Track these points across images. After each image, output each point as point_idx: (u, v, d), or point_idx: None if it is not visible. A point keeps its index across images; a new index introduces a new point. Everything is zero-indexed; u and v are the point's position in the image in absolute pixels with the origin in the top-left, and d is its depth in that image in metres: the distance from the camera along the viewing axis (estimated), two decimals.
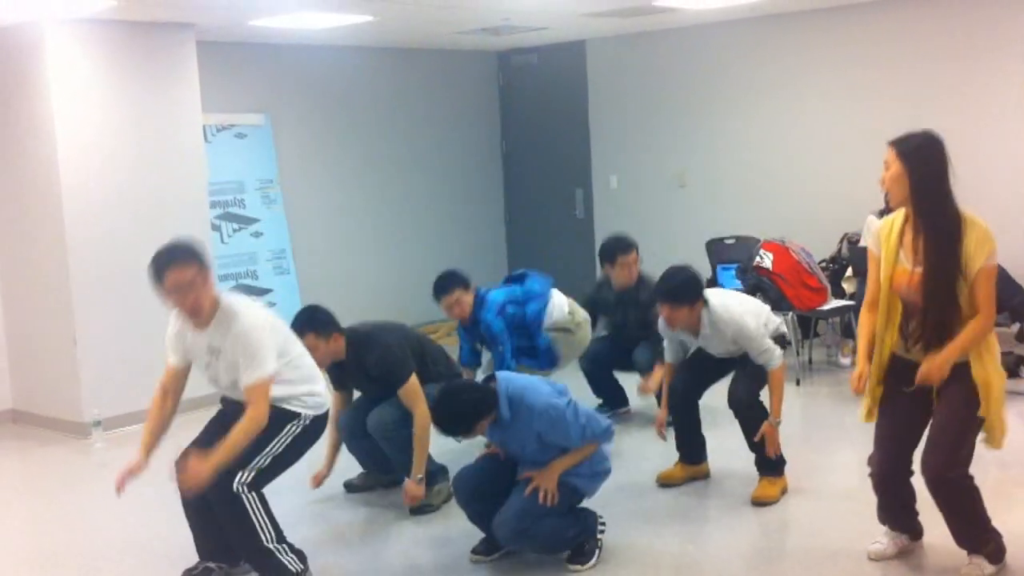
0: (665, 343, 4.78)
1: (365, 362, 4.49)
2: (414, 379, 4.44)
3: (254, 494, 3.66)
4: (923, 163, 3.35)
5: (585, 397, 5.59)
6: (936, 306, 3.36)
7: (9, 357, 6.71)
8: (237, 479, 3.62)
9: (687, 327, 4.44)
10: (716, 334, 4.40)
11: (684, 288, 4.31)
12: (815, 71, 7.67)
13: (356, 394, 4.88)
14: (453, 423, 3.72)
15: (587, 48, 8.86)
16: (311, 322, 4.38)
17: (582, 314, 5.79)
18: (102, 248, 6.25)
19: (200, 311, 3.61)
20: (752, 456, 4.56)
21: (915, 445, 3.57)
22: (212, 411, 3.98)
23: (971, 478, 3.49)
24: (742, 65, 8.00)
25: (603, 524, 4.02)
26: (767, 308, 4.68)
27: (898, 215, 3.48)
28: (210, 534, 3.86)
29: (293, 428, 3.77)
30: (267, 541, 3.69)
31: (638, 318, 5.64)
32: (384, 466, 4.90)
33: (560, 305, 5.69)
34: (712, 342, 4.47)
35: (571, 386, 4.13)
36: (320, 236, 8.20)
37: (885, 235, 3.49)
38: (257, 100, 7.82)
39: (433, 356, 4.82)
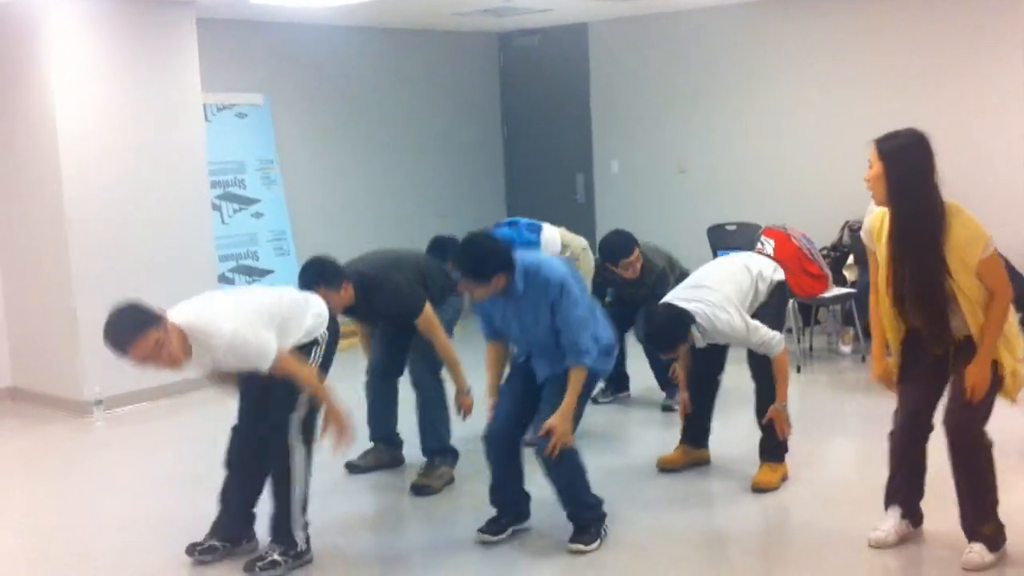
0: None
1: (378, 305, 4.56)
2: (428, 308, 4.54)
3: (305, 449, 3.80)
4: (904, 163, 3.40)
5: None
6: (924, 302, 3.45)
7: (9, 335, 6.69)
8: (292, 425, 3.75)
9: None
10: (713, 340, 4.40)
11: (668, 332, 4.32)
12: (818, 57, 7.64)
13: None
14: (473, 262, 3.81)
15: (589, 31, 8.82)
16: (322, 275, 4.38)
17: (579, 243, 5.67)
18: (102, 226, 6.22)
19: (178, 362, 3.58)
20: (753, 442, 4.57)
21: (935, 407, 3.67)
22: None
23: (990, 441, 3.57)
24: (745, 50, 7.97)
25: (606, 528, 4.02)
26: (754, 268, 4.57)
27: (887, 212, 3.53)
28: (235, 499, 3.93)
29: (316, 353, 3.92)
30: (293, 502, 3.80)
31: (649, 295, 5.54)
32: (392, 439, 4.96)
33: (551, 241, 5.57)
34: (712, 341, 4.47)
35: None
36: (319, 217, 8.17)
37: (877, 230, 3.56)
38: (257, 79, 7.77)
39: (432, 275, 4.85)
